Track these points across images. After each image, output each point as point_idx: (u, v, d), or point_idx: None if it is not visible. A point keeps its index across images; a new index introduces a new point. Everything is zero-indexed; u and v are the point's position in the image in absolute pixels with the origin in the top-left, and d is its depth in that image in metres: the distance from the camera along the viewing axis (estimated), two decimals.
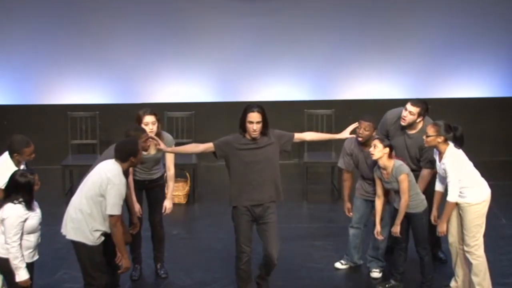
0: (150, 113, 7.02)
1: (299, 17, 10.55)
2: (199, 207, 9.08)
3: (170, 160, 7.17)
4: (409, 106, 7.18)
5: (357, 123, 6.96)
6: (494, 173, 10.15)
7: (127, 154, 6.13)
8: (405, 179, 6.75)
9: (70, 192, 9.37)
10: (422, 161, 7.19)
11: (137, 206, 6.98)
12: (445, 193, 6.76)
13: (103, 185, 6.02)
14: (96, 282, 6.19)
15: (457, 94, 10.74)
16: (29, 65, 10.50)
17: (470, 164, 6.75)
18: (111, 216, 6.04)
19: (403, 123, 7.22)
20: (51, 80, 10.58)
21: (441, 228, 6.76)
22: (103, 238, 6.15)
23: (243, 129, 6.56)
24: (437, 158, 6.82)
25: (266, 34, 10.57)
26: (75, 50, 10.47)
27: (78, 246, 6.15)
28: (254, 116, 6.47)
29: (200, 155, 9.42)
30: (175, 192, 9.24)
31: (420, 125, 7.21)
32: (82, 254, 6.14)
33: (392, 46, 10.69)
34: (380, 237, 7.06)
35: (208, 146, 6.64)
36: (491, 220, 8.56)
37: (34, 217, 5.90)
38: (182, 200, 9.23)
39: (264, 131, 6.55)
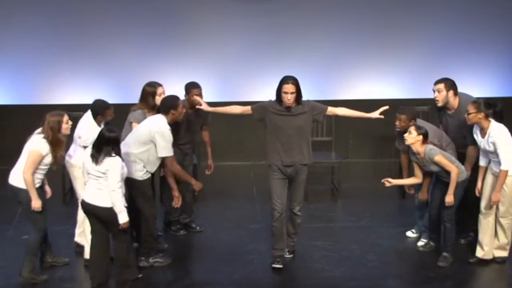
0: (160, 84, 7.79)
1: (299, 18, 10.55)
2: (200, 207, 9.07)
3: None
4: (434, 87, 7.61)
5: (387, 106, 7.40)
6: None
7: (168, 107, 7.32)
8: (441, 158, 7.21)
9: (70, 192, 9.36)
10: (467, 138, 7.49)
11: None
12: (489, 167, 7.26)
13: (152, 132, 7.19)
14: (148, 212, 7.33)
15: None
16: (29, 65, 10.50)
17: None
18: (165, 158, 7.26)
19: (438, 104, 7.65)
20: (51, 80, 10.58)
21: (496, 197, 7.15)
22: (149, 175, 7.34)
23: (279, 99, 7.19)
24: (478, 135, 7.21)
25: (266, 35, 10.57)
26: (75, 50, 10.46)
27: (130, 181, 7.21)
28: (289, 87, 7.13)
29: (201, 155, 9.43)
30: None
31: (456, 103, 7.59)
32: (135, 188, 7.28)
33: (392, 46, 10.70)
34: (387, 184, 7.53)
35: (246, 109, 7.38)
36: None
37: (125, 167, 6.83)
38: None
39: (298, 101, 7.18)
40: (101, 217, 6.84)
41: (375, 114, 7.39)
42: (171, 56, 10.54)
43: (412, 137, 7.28)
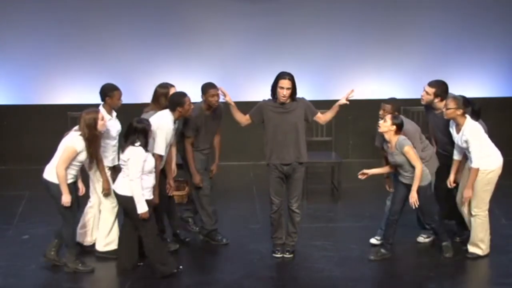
0: (172, 85, 7.78)
1: (299, 18, 10.55)
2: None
3: None
4: (426, 86, 7.67)
5: (353, 89, 7.50)
6: None
7: (174, 104, 7.35)
8: (409, 149, 7.22)
9: None
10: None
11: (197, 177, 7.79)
12: (463, 161, 7.43)
13: (154, 127, 7.17)
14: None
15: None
16: (30, 65, 10.50)
17: (485, 134, 7.32)
18: (154, 154, 7.22)
19: (422, 102, 7.74)
20: (51, 80, 10.57)
21: (467, 194, 7.33)
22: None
23: (274, 94, 7.34)
24: (453, 130, 7.36)
25: (266, 35, 10.57)
26: (75, 50, 10.46)
27: None
28: (285, 83, 7.27)
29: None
30: (176, 192, 9.21)
31: (442, 105, 7.55)
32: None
33: (393, 46, 10.70)
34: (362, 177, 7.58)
35: (247, 118, 7.51)
36: (491, 220, 8.57)
37: (151, 160, 6.98)
38: (183, 200, 9.21)
39: (293, 97, 7.32)
40: (121, 204, 7.08)
41: (342, 101, 7.44)
42: (171, 56, 10.54)
43: (385, 126, 7.30)
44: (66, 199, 7.01)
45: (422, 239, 8.02)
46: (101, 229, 7.59)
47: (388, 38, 10.67)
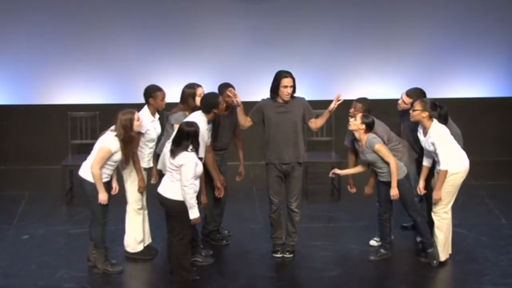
0: (199, 85, 7.67)
1: (299, 18, 10.55)
2: (199, 207, 9.06)
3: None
4: (404, 95, 7.64)
5: (340, 93, 7.34)
6: (494, 173, 10.17)
7: (210, 106, 7.25)
8: (380, 147, 7.24)
9: (70, 192, 9.37)
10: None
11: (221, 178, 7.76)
12: (432, 167, 7.33)
13: None
14: None
15: (457, 94, 10.74)
16: (29, 65, 10.49)
17: (452, 137, 7.25)
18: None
19: (398, 108, 7.71)
20: (51, 80, 10.57)
21: (437, 196, 7.26)
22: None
23: (275, 93, 7.35)
24: (421, 134, 7.32)
25: (265, 35, 10.57)
26: (75, 50, 10.46)
27: None
28: (289, 81, 7.30)
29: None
30: None
31: None
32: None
33: (392, 47, 10.69)
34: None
35: (249, 120, 7.50)
36: (491, 220, 8.59)
37: (200, 164, 6.91)
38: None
39: (292, 95, 7.33)
40: (165, 207, 6.95)
41: (332, 106, 7.29)
42: (171, 57, 10.54)
43: (355, 124, 7.29)
44: (102, 197, 7.03)
45: (374, 242, 7.90)
46: (129, 231, 7.55)
47: (388, 38, 10.67)
